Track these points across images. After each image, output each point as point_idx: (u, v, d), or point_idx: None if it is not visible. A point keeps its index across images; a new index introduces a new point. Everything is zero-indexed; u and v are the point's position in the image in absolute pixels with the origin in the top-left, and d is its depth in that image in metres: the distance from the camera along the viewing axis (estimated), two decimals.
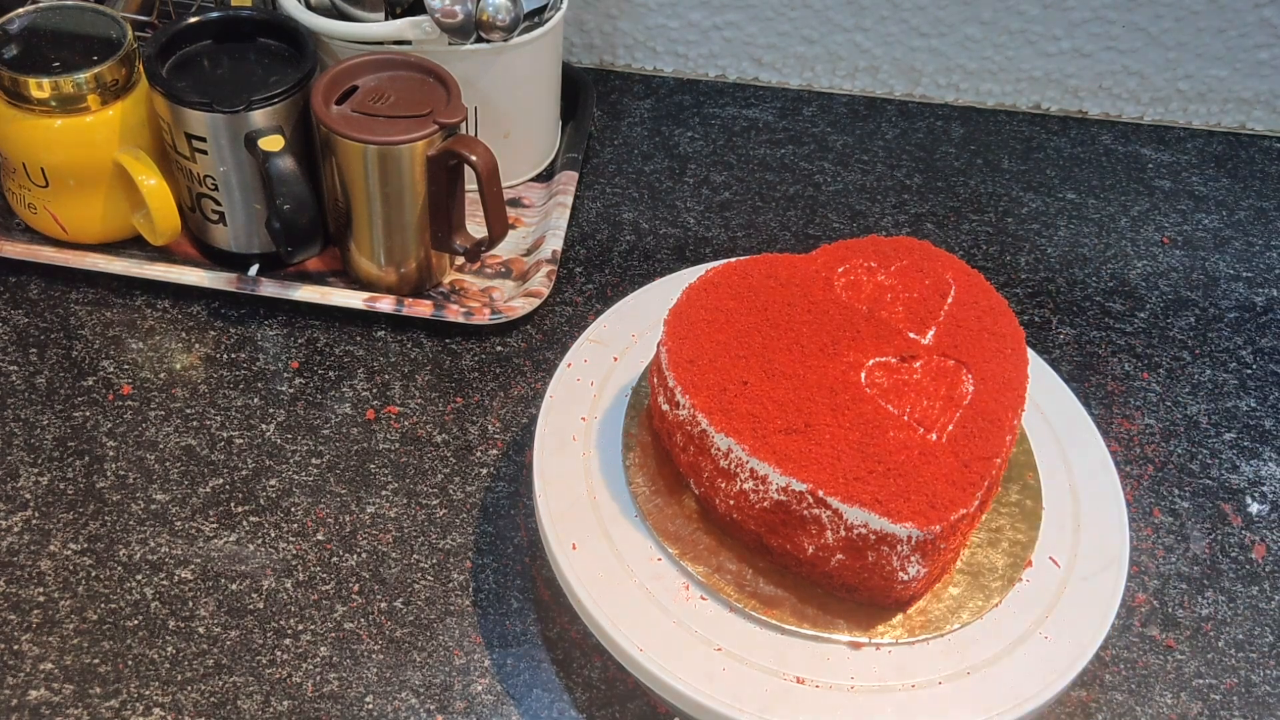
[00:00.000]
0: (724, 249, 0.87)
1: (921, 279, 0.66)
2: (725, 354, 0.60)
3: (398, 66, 0.78)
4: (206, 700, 0.60)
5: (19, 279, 0.80)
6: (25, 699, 0.60)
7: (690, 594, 0.60)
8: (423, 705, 0.61)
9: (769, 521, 0.58)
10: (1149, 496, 0.73)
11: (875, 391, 0.59)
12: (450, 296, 0.81)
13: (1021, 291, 0.86)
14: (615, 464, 0.65)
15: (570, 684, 0.62)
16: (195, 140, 0.75)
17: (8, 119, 0.75)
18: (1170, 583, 0.69)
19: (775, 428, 0.57)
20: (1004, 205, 0.93)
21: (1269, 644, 0.66)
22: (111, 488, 0.69)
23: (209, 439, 0.72)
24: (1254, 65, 0.97)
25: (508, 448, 0.73)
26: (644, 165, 0.94)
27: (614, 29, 1.01)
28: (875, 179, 0.94)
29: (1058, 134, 1.00)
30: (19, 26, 0.77)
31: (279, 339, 0.78)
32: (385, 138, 0.72)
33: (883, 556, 0.55)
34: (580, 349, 0.70)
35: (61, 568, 0.65)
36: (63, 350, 0.76)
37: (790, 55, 1.01)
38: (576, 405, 0.68)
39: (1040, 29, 0.97)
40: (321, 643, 0.63)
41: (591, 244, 0.87)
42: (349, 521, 0.69)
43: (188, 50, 0.78)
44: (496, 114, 0.85)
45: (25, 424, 0.72)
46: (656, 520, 0.62)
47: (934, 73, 1.01)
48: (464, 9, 0.78)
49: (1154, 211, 0.93)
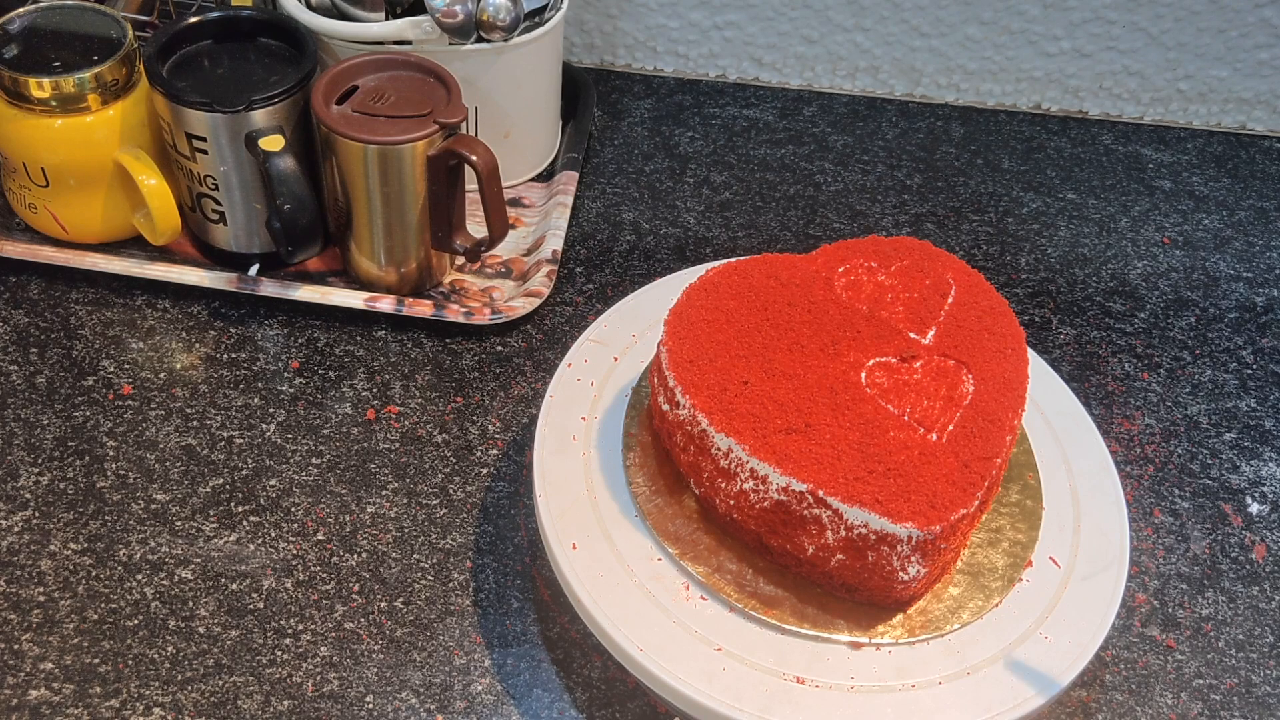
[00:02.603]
0: (724, 249, 0.87)
1: (922, 279, 0.66)
2: (725, 354, 0.60)
3: (398, 66, 0.78)
4: (206, 700, 0.60)
5: (19, 279, 0.80)
6: (25, 699, 0.60)
7: (690, 594, 0.60)
8: (423, 705, 0.61)
9: (769, 521, 0.58)
10: (1149, 496, 0.73)
11: (875, 391, 0.59)
12: (450, 296, 0.81)
13: (1022, 291, 0.86)
14: (615, 464, 0.65)
15: (570, 684, 0.62)
16: (195, 140, 0.75)
17: (8, 119, 0.75)
18: (1170, 583, 0.69)
19: (775, 428, 0.57)
20: (1004, 205, 0.93)
21: (1269, 644, 0.66)
22: (112, 487, 0.69)
23: (209, 439, 0.72)
24: (1254, 65, 0.97)
25: (508, 448, 0.73)
26: (644, 165, 0.94)
27: (614, 29, 1.01)
28: (875, 179, 0.94)
29: (1058, 134, 1.00)
30: (19, 26, 0.77)
31: (279, 339, 0.78)
32: (385, 138, 0.72)
33: (883, 557, 0.55)
34: (581, 349, 0.70)
35: (62, 567, 0.65)
36: (63, 350, 0.76)
37: (790, 55, 1.01)
38: (577, 405, 0.68)
39: (1041, 29, 0.97)
40: (322, 642, 0.63)
41: (592, 244, 0.87)
42: (349, 521, 0.69)
43: (188, 50, 0.78)
44: (497, 114, 0.85)
45: (25, 424, 0.72)
46: (657, 520, 0.62)
47: (934, 73, 1.01)
48: (464, 9, 0.78)
49: (1154, 212, 0.93)
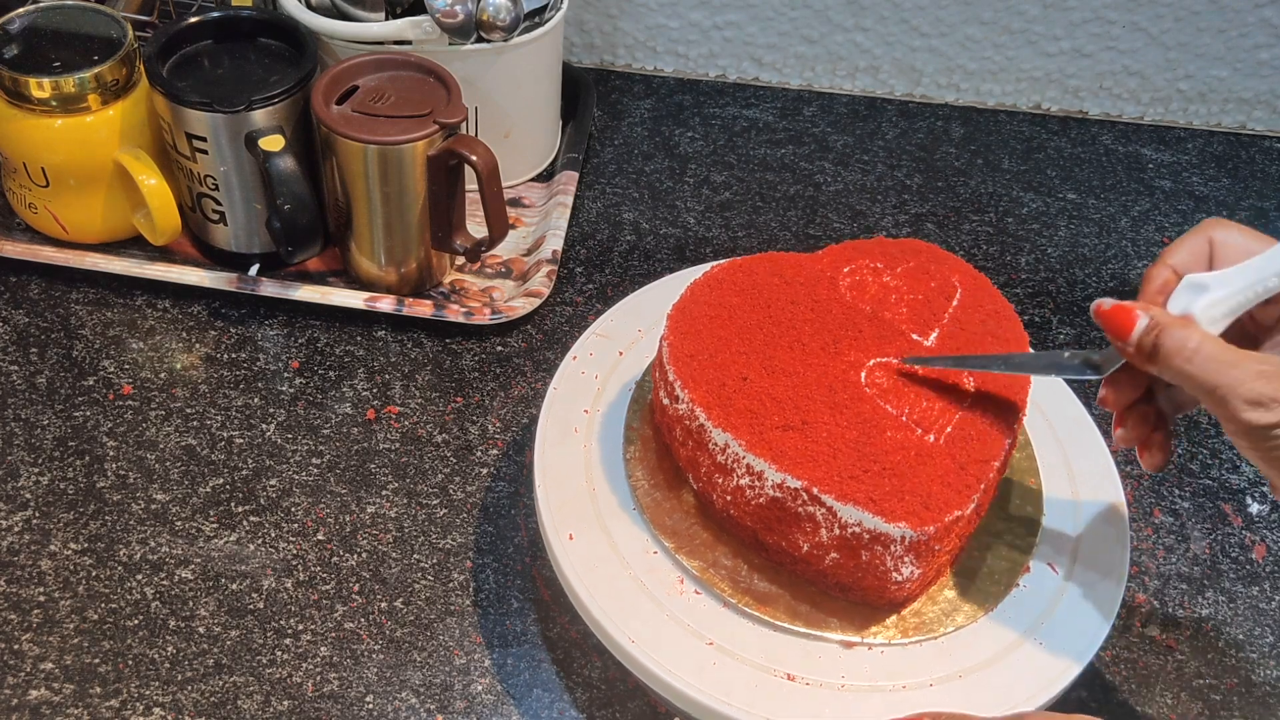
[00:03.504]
0: (724, 249, 0.87)
1: (927, 281, 0.65)
2: (726, 350, 0.61)
3: (398, 66, 0.78)
4: (206, 700, 0.60)
5: (19, 279, 0.81)
6: (25, 699, 0.60)
7: (684, 588, 0.60)
8: (423, 705, 0.61)
9: (764, 518, 0.58)
10: (1149, 497, 0.73)
11: (875, 391, 0.59)
12: (450, 296, 0.81)
13: (1022, 292, 0.86)
14: (616, 457, 0.65)
15: (570, 684, 0.63)
16: (195, 140, 0.75)
17: (8, 119, 0.75)
18: (1170, 583, 0.69)
19: (773, 424, 0.57)
20: (1004, 205, 0.93)
21: (1269, 644, 0.66)
22: (112, 487, 0.69)
23: (209, 439, 0.72)
24: (1254, 65, 0.97)
25: (508, 447, 0.73)
26: (644, 165, 0.94)
27: (614, 29, 1.01)
28: (876, 179, 0.94)
29: (1058, 134, 1.00)
30: (19, 26, 0.77)
31: (279, 339, 0.78)
32: (385, 138, 0.72)
33: (876, 556, 0.55)
34: (586, 342, 0.70)
35: (62, 567, 0.66)
36: (63, 350, 0.76)
37: (790, 55, 1.01)
38: (580, 398, 0.68)
39: (1041, 29, 0.97)
40: (322, 642, 0.63)
41: (592, 244, 0.87)
42: (349, 521, 0.69)
43: (188, 50, 0.78)
44: (497, 114, 0.85)
45: (25, 424, 0.72)
46: (654, 514, 0.62)
47: (934, 73, 1.01)
48: (464, 9, 0.78)
49: (1154, 212, 0.93)
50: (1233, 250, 0.53)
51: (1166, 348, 0.49)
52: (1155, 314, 0.50)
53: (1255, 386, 0.47)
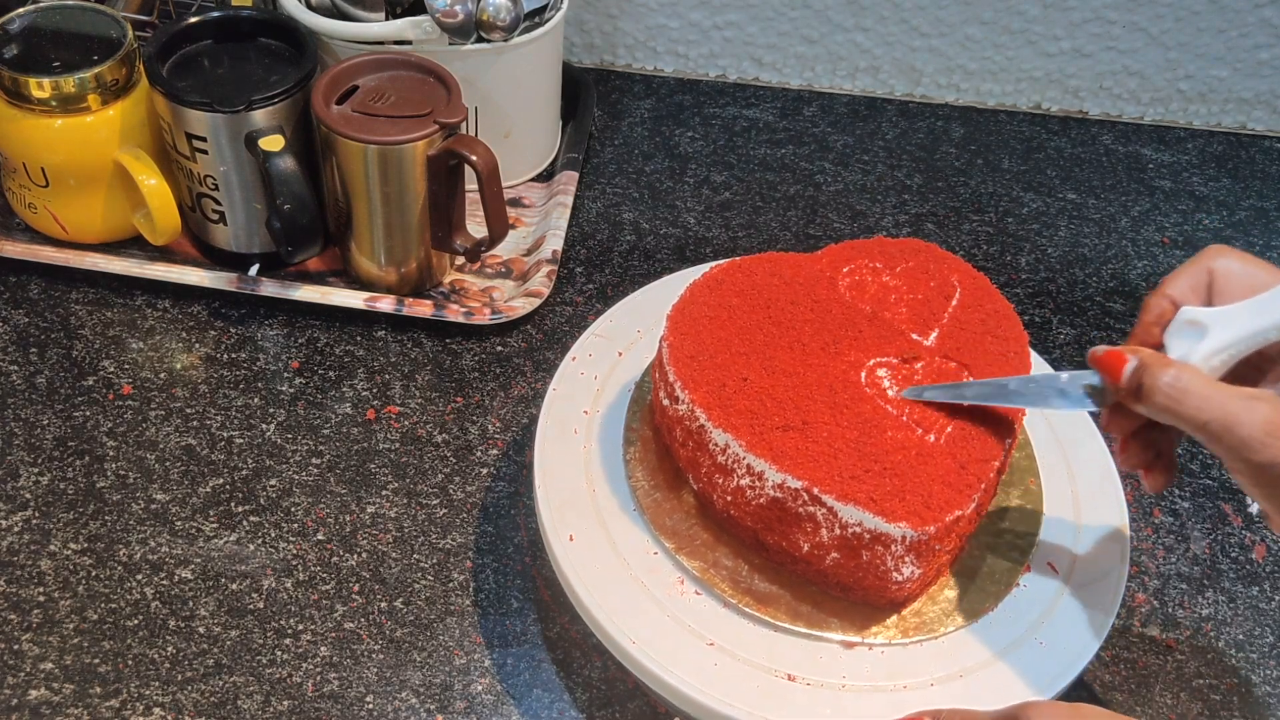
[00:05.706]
0: (724, 249, 0.87)
1: (927, 281, 0.65)
2: (726, 350, 0.61)
3: (398, 66, 0.78)
4: (206, 700, 0.60)
5: (19, 279, 0.81)
6: (25, 699, 0.60)
7: (685, 588, 0.60)
8: (423, 705, 0.61)
9: (765, 518, 0.58)
10: (1149, 497, 0.73)
11: (874, 391, 0.59)
12: (450, 296, 0.81)
13: (1022, 292, 0.86)
14: (615, 457, 0.65)
15: (570, 684, 0.63)
16: (195, 140, 0.75)
17: (8, 119, 0.75)
18: (1170, 583, 0.69)
19: (773, 424, 0.57)
20: (1004, 205, 0.93)
21: (1269, 644, 0.66)
22: (112, 487, 0.69)
23: (209, 439, 0.72)
24: (1254, 65, 0.97)
25: (508, 448, 0.73)
26: (644, 165, 0.94)
27: (614, 29, 1.01)
28: (876, 179, 0.94)
29: (1058, 134, 1.00)
30: (19, 26, 0.77)
31: (279, 339, 0.78)
32: (385, 137, 0.72)
33: (877, 556, 0.55)
34: (585, 343, 0.70)
35: (62, 567, 0.65)
36: (63, 350, 0.76)
37: (791, 55, 1.01)
38: (579, 398, 0.68)
39: (1041, 29, 0.97)
40: (321, 643, 0.63)
41: (592, 244, 0.87)
42: (349, 521, 0.69)
43: (188, 50, 0.78)
44: (497, 114, 0.85)
45: (25, 424, 0.72)
46: (654, 514, 0.62)
47: (934, 73, 1.01)
48: (464, 9, 0.78)
49: (1154, 212, 0.93)
50: (1233, 281, 0.52)
51: (1152, 388, 0.49)
52: (1143, 355, 0.50)
53: (1249, 425, 0.47)
